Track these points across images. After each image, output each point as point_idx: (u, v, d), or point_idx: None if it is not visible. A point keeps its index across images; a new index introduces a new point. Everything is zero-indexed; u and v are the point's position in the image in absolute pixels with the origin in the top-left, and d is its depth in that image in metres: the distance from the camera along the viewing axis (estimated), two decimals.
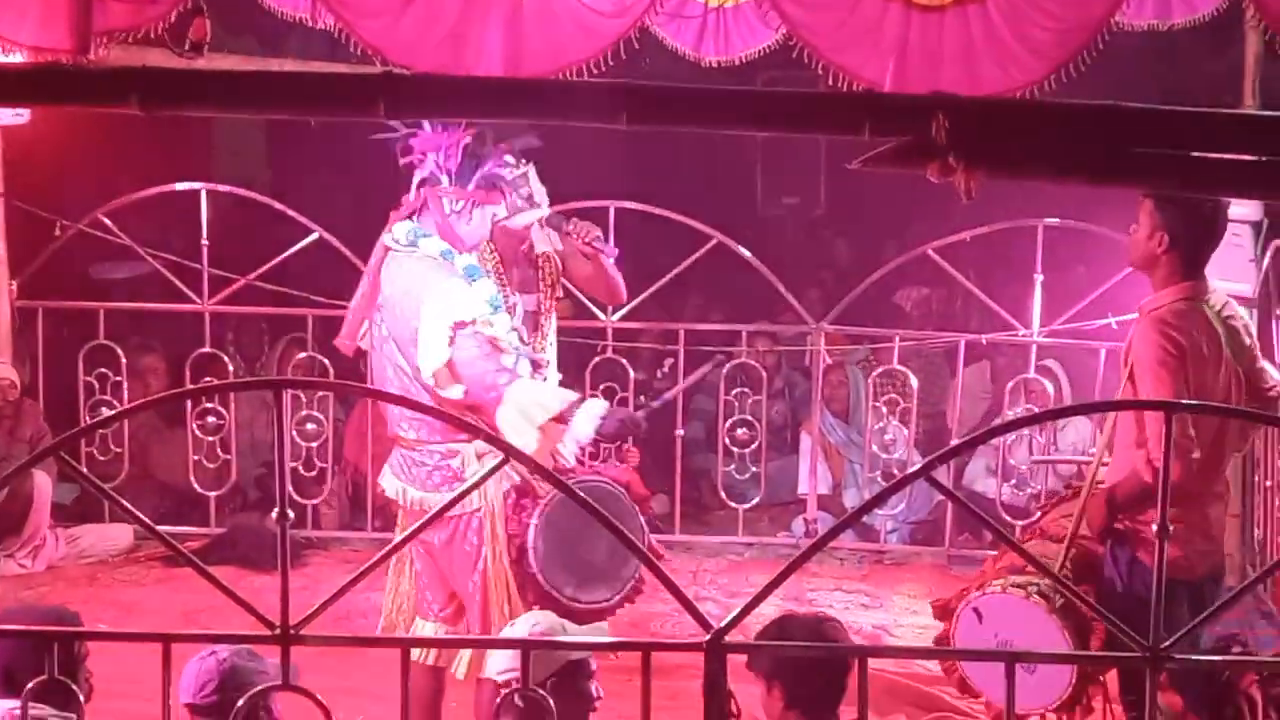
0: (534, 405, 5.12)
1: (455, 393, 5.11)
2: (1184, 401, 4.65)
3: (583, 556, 5.18)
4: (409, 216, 5.30)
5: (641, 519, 5.35)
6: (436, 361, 5.10)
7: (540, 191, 5.72)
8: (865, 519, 8.25)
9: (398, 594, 5.58)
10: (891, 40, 4.33)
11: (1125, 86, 4.27)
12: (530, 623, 4.64)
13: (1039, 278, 7.97)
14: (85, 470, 4.84)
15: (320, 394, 8.44)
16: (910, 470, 3.13)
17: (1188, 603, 4.62)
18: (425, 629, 5.42)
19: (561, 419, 5.13)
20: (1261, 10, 4.40)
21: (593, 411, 5.21)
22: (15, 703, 3.81)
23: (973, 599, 5.11)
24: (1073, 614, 4.88)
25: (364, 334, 5.49)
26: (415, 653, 5.25)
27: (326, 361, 8.13)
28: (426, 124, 5.17)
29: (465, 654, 5.29)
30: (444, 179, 5.26)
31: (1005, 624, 4.99)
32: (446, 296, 5.12)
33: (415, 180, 5.30)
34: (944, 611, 5.27)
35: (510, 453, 2.83)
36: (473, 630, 5.32)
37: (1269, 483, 7.21)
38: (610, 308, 7.83)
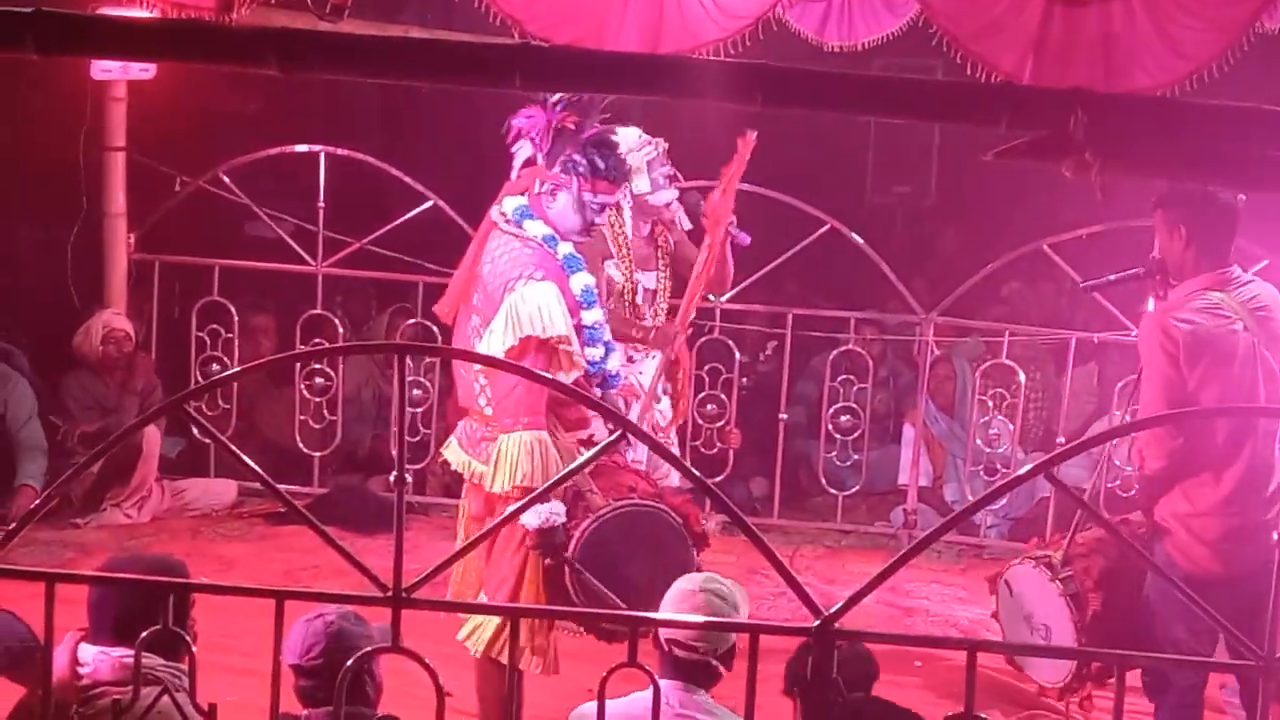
0: (526, 459, 4.99)
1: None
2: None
3: (621, 578, 5.01)
4: (520, 193, 5.25)
5: (693, 554, 5.16)
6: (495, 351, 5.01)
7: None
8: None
9: (464, 567, 5.44)
10: (1032, 32, 4.27)
11: (1254, 90, 4.20)
12: (707, 577, 4.51)
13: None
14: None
15: (427, 360, 8.50)
16: (1024, 470, 3.09)
17: (1227, 600, 4.47)
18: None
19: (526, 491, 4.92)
20: None
21: (545, 510, 4.99)
22: (126, 650, 3.88)
23: (1005, 572, 5.61)
24: (1071, 584, 5.27)
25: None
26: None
27: (435, 328, 8.17)
28: (543, 102, 5.13)
29: (486, 630, 5.23)
30: (540, 159, 5.20)
31: (1025, 593, 5.47)
32: (529, 302, 5.01)
33: (517, 161, 5.25)
34: (992, 584, 5.75)
35: (629, 429, 2.82)
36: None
37: None
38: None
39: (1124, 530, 5.30)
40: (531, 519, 4.97)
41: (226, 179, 8.61)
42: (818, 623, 2.83)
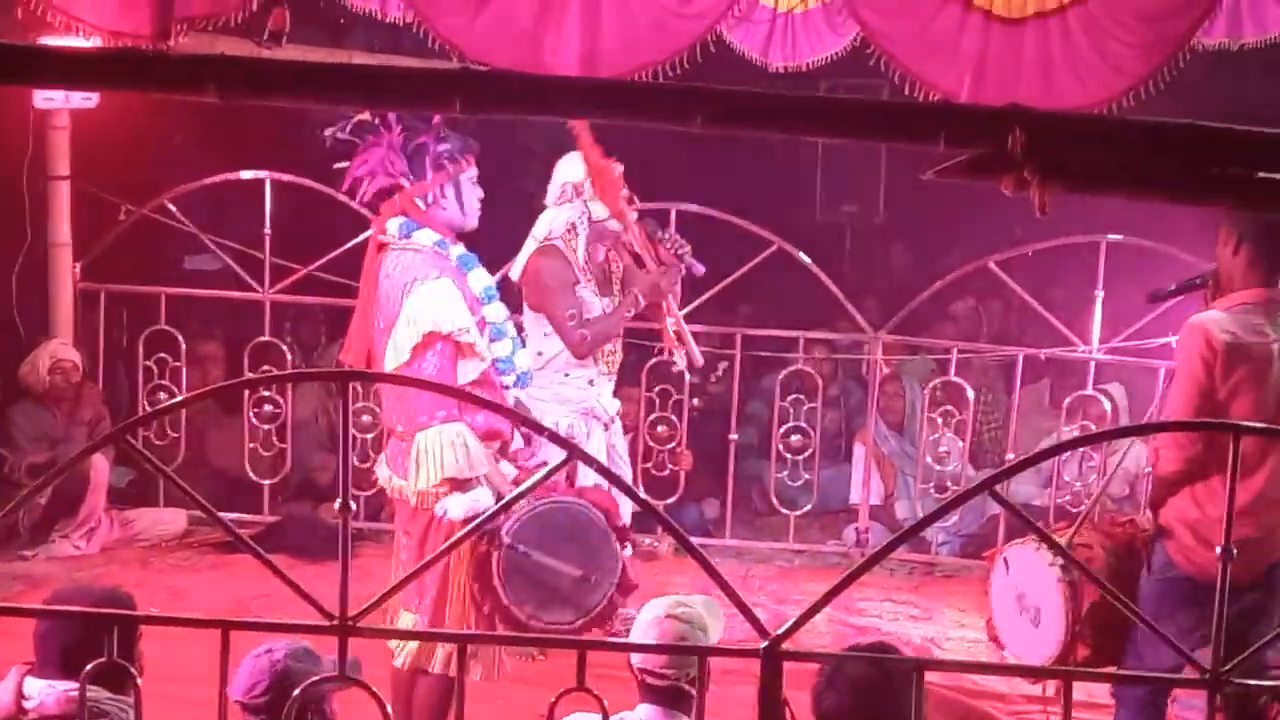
0: (449, 450, 5.00)
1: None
2: (1247, 424, 4.64)
3: (547, 578, 5.04)
4: (395, 214, 5.25)
5: (617, 547, 5.18)
6: (397, 363, 5.03)
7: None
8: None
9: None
10: (970, 51, 4.30)
11: (1195, 104, 4.24)
12: (674, 603, 4.49)
13: (1099, 294, 7.92)
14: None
15: (375, 386, 8.46)
16: (970, 485, 3.11)
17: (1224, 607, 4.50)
18: (405, 620, 5.26)
19: (459, 485, 5.01)
20: None
21: (469, 500, 5.01)
22: (71, 684, 3.85)
23: (1005, 549, 5.65)
24: (1069, 572, 5.25)
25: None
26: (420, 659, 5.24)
27: None
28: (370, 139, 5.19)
29: (410, 644, 5.22)
30: (404, 182, 5.22)
31: (1022, 573, 5.49)
32: (427, 301, 5.05)
33: (369, 193, 5.26)
34: (990, 559, 5.80)
35: (576, 453, 2.82)
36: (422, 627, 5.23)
37: None
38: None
39: (1129, 529, 5.39)
40: (457, 510, 4.98)
41: (172, 207, 8.57)
42: (765, 644, 2.83)
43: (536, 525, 5.06)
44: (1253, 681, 3.10)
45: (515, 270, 6.64)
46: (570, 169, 6.49)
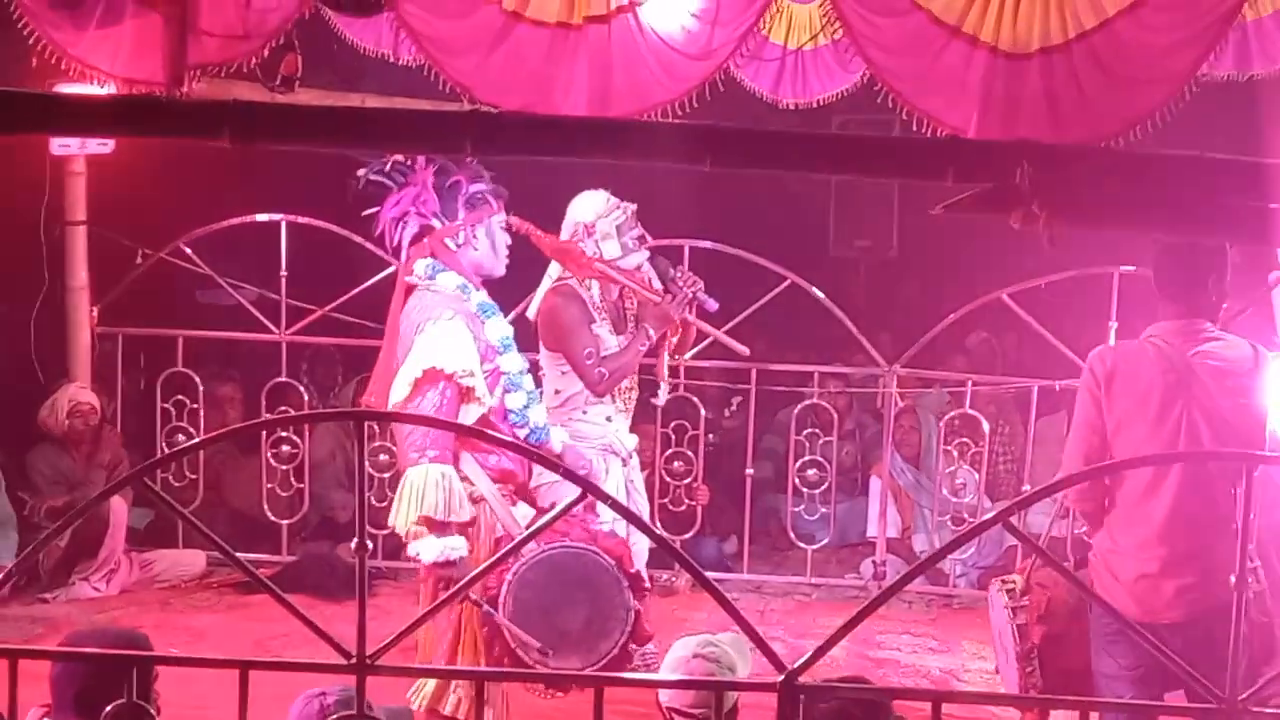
0: (431, 490, 4.93)
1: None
2: (1260, 454, 4.65)
3: (557, 622, 4.94)
4: (429, 256, 5.25)
5: (629, 595, 5.04)
6: (398, 398, 5.03)
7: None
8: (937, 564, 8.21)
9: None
10: (976, 87, 4.32)
11: (1207, 138, 4.25)
12: (702, 642, 4.46)
13: (1113, 325, 7.92)
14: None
15: (392, 425, 8.49)
16: (984, 517, 3.12)
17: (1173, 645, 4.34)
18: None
19: (436, 527, 4.92)
20: None
21: (442, 545, 4.93)
22: None
23: (990, 587, 5.74)
24: (1022, 614, 5.40)
25: None
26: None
27: None
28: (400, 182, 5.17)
29: (429, 684, 5.16)
30: (435, 222, 5.21)
31: (994, 613, 5.63)
32: (435, 340, 5.03)
33: (407, 239, 5.23)
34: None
35: (592, 491, 2.84)
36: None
37: None
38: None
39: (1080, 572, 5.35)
40: (428, 554, 4.92)
41: (189, 250, 8.63)
42: (782, 677, 2.84)
43: (545, 569, 4.98)
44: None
45: (531, 309, 6.68)
46: (581, 209, 6.53)
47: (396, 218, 5.21)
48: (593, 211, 6.49)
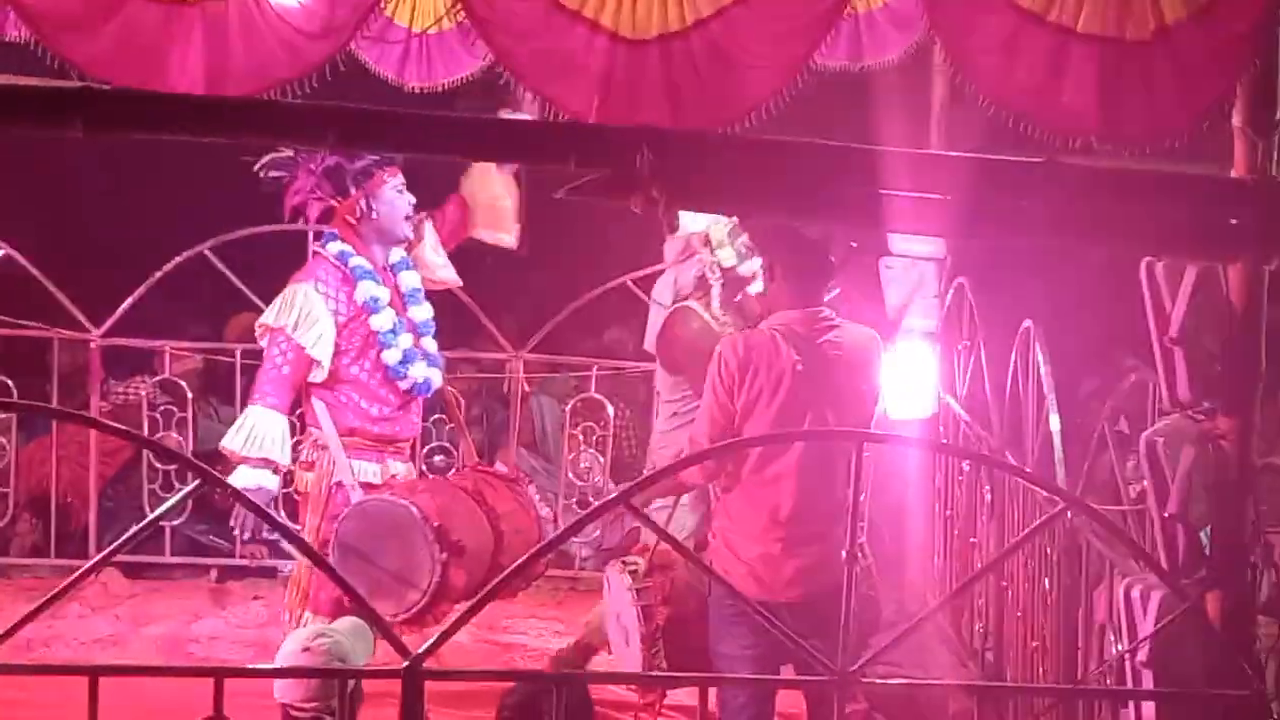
0: (259, 427, 5.59)
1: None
2: (874, 433, 4.86)
3: (369, 570, 5.38)
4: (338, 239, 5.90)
5: (435, 548, 5.43)
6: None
7: None
8: (561, 546, 8.27)
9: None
10: (597, 72, 4.35)
11: (829, 125, 4.40)
12: (312, 634, 4.61)
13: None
14: None
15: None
16: (606, 498, 3.18)
17: (791, 625, 4.39)
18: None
19: (252, 461, 5.60)
20: (948, 53, 4.59)
21: (254, 476, 5.62)
22: None
23: (606, 570, 5.97)
24: (646, 595, 5.58)
25: None
26: None
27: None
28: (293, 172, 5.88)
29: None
30: (334, 203, 5.84)
31: (614, 593, 5.79)
32: (281, 298, 5.70)
33: (316, 215, 5.99)
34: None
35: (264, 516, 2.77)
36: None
37: (949, 512, 7.45)
38: None
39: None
40: (237, 480, 5.45)
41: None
42: (406, 663, 2.84)
43: (359, 519, 5.51)
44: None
45: (649, 341, 6.72)
46: (693, 219, 6.37)
47: (298, 205, 5.90)
48: (704, 220, 6.30)
